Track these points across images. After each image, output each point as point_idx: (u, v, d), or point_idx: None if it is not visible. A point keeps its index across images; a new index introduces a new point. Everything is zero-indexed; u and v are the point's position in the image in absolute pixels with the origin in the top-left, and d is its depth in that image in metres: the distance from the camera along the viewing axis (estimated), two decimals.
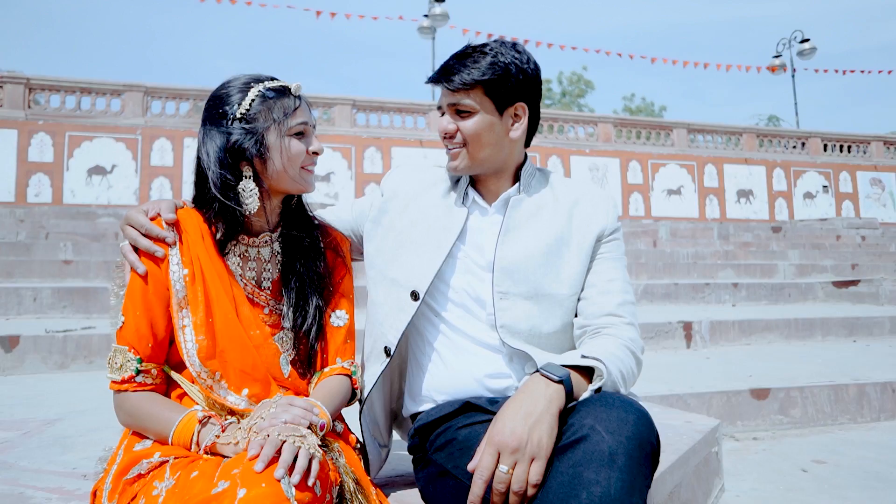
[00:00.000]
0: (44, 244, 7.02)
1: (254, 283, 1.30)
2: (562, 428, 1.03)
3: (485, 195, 1.43)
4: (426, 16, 18.96)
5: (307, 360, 1.34)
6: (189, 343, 1.18)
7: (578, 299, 1.36)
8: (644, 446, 0.97)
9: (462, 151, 1.35)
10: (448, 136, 1.35)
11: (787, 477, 2.42)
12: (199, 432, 1.10)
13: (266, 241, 1.31)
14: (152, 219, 1.21)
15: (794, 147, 19.49)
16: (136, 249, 1.20)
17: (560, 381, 1.06)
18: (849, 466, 2.53)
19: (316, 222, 1.41)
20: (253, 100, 1.21)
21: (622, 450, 0.95)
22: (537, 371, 1.09)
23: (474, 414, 1.27)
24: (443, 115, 1.36)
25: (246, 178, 1.22)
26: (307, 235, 1.35)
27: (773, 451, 2.79)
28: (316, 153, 1.28)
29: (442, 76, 1.32)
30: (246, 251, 1.28)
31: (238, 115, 1.21)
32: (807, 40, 20.86)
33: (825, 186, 19.12)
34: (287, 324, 1.30)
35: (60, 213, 10.44)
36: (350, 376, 1.34)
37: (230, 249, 1.26)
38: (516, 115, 1.36)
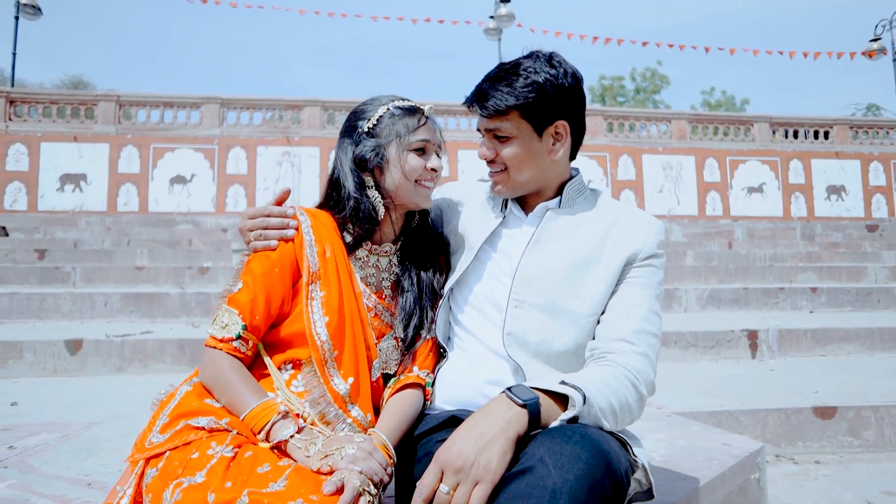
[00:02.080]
0: (124, 251, 7.47)
1: (372, 287, 1.35)
2: (518, 455, 0.95)
3: (523, 207, 1.41)
4: (492, 17, 18.86)
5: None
6: (317, 315, 1.24)
7: (599, 321, 1.28)
8: (595, 489, 0.88)
9: (504, 175, 1.34)
10: (489, 161, 1.34)
11: None
12: (274, 423, 1.13)
13: (386, 252, 1.37)
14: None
15: None
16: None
17: (524, 405, 0.98)
18: None
19: (437, 233, 1.46)
20: (381, 116, 1.31)
21: (567, 489, 0.86)
22: (504, 391, 1.02)
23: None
24: (483, 138, 1.35)
25: (369, 187, 1.30)
26: (426, 251, 1.40)
27: (838, 477, 2.53)
28: (434, 170, 1.32)
29: (476, 101, 1.30)
30: (367, 257, 1.35)
31: (366, 129, 1.31)
32: None
33: None
34: (399, 333, 1.35)
35: (144, 221, 11.13)
36: (424, 387, 1.33)
37: (355, 253, 1.34)
38: (557, 133, 1.31)
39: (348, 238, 1.32)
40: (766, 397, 3.00)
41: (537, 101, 1.25)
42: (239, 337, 1.20)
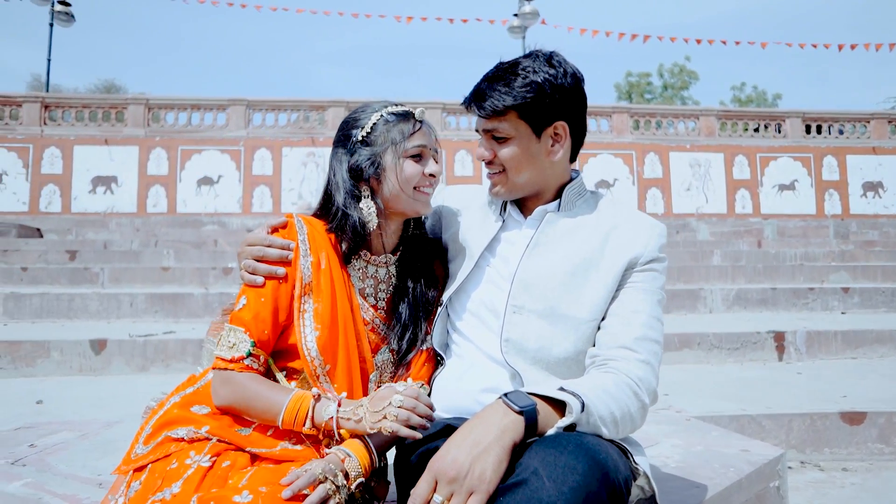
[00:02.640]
0: (151, 252, 7.62)
1: (369, 298, 1.33)
2: (514, 464, 0.93)
3: (522, 210, 1.39)
4: (516, 15, 18.78)
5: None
6: (307, 328, 1.22)
7: (599, 328, 1.25)
8: (590, 501, 0.85)
9: (502, 177, 1.31)
10: (487, 163, 1.32)
11: None
12: (313, 407, 1.13)
13: (384, 262, 1.34)
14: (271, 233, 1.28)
15: None
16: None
17: (520, 412, 0.95)
18: None
19: (435, 241, 1.44)
20: (375, 123, 1.28)
21: (562, 501, 0.84)
22: (501, 396, 0.99)
23: None
24: (481, 139, 1.33)
25: (364, 197, 1.27)
26: (423, 262, 1.38)
27: (866, 486, 2.44)
28: (432, 175, 1.29)
29: (474, 101, 1.28)
30: (365, 267, 1.32)
31: (360, 138, 1.28)
32: None
33: None
34: (394, 345, 1.33)
35: (172, 223, 11.35)
36: None
37: (352, 262, 1.31)
38: (556, 134, 1.29)
39: (344, 246, 1.30)
40: (792, 401, 2.92)
41: (536, 102, 1.23)
42: (250, 355, 1.18)
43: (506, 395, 0.99)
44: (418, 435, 1.07)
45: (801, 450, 2.67)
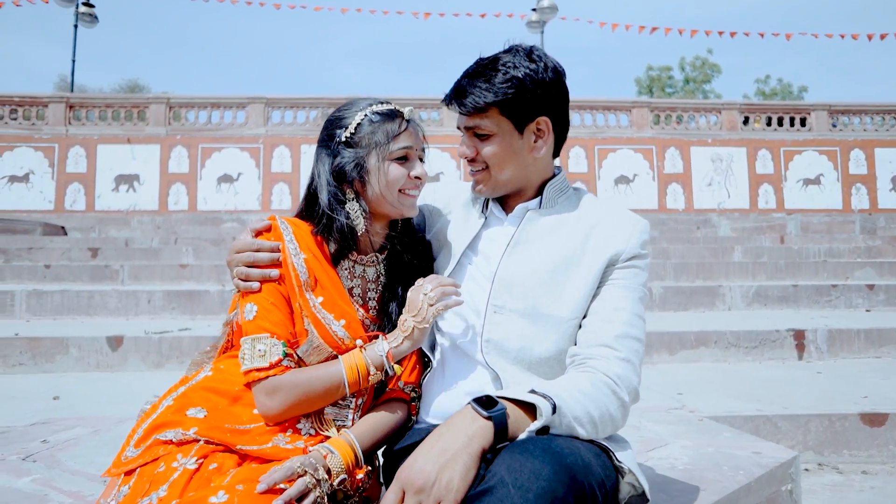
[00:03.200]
0: (171, 249, 7.72)
1: (357, 299, 1.31)
2: (486, 470, 0.92)
3: (504, 207, 1.37)
4: (534, 9, 18.64)
5: (373, 390, 1.33)
6: (327, 316, 1.21)
7: (580, 326, 1.23)
8: None
9: (485, 174, 1.30)
10: (469, 160, 1.30)
11: None
12: (369, 358, 1.18)
13: (372, 262, 1.33)
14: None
15: None
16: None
17: (489, 418, 0.94)
18: None
19: (422, 239, 1.43)
20: (359, 124, 1.24)
21: None
22: (470, 402, 0.98)
23: None
24: (463, 136, 1.31)
25: (349, 200, 1.25)
26: (412, 260, 1.36)
27: (886, 490, 2.37)
28: (418, 177, 1.27)
29: (454, 99, 1.26)
30: (353, 267, 1.31)
31: (344, 139, 1.25)
32: None
33: None
34: None
35: (192, 220, 11.48)
36: (409, 402, 1.31)
37: (340, 263, 1.29)
38: (539, 130, 1.27)
39: (332, 248, 1.28)
40: (810, 402, 2.85)
41: (517, 97, 1.21)
42: (286, 355, 1.17)
43: (475, 400, 0.98)
44: (462, 300, 1.21)
45: (818, 451, 2.61)
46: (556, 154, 1.34)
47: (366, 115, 1.25)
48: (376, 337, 1.28)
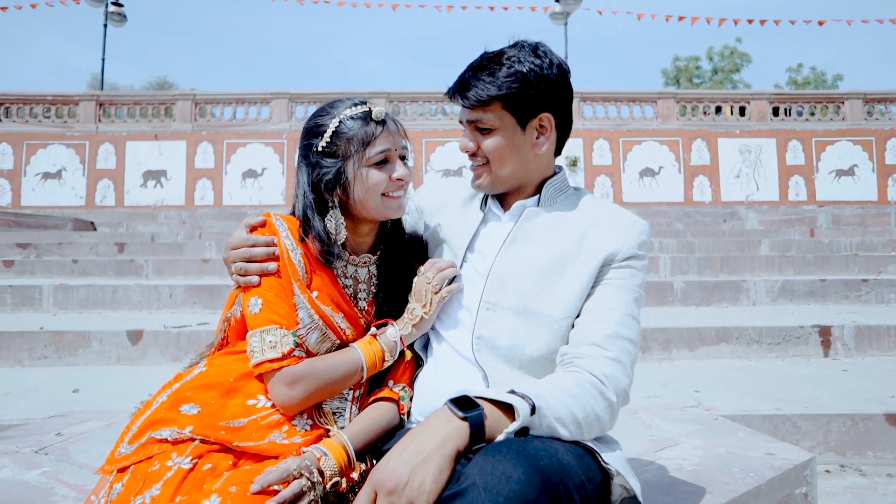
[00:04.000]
0: (195, 244, 7.83)
1: (349, 298, 1.32)
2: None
3: (502, 204, 1.36)
4: (557, 0, 18.42)
5: (368, 382, 1.34)
6: (328, 309, 1.24)
7: (573, 325, 1.22)
8: None
9: (485, 169, 1.29)
10: (470, 154, 1.30)
11: None
12: (385, 345, 1.23)
13: (365, 262, 1.33)
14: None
15: None
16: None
17: (464, 419, 0.93)
18: None
19: (415, 239, 1.43)
20: (334, 132, 1.23)
21: None
22: (446, 402, 0.97)
23: None
24: (465, 130, 1.31)
25: (332, 208, 1.25)
26: (403, 260, 1.36)
27: None
28: (400, 179, 1.26)
29: (457, 91, 1.26)
30: (345, 267, 1.31)
31: (321, 148, 1.24)
32: None
33: None
34: None
35: (217, 215, 11.65)
36: (398, 402, 1.30)
37: (334, 263, 1.30)
38: (541, 126, 1.26)
39: (317, 253, 1.27)
40: (833, 401, 2.76)
41: (521, 92, 1.20)
42: (297, 345, 1.18)
43: (451, 400, 0.96)
44: (461, 285, 1.27)
45: (840, 452, 2.52)
46: (557, 152, 1.34)
47: (341, 122, 1.23)
48: (383, 325, 1.28)
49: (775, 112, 15.96)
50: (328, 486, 1.06)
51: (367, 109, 1.25)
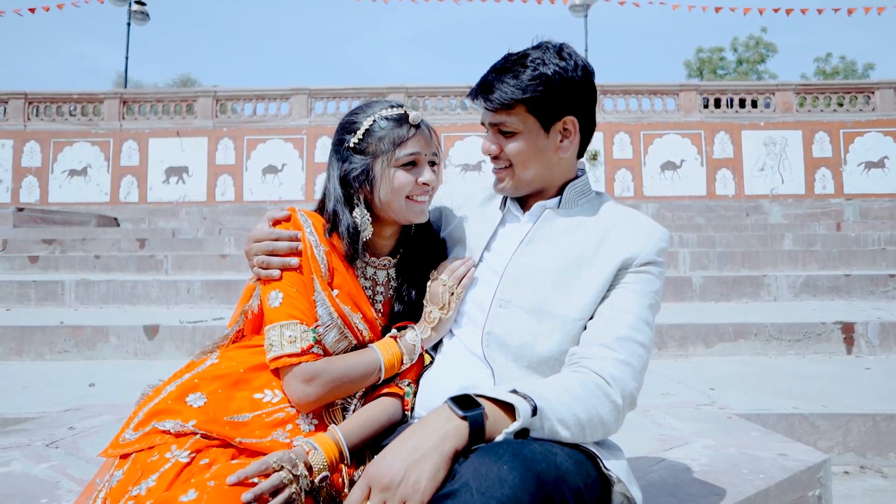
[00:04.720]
0: (214, 239, 7.91)
1: (369, 300, 1.33)
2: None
3: (522, 205, 1.35)
4: None
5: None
6: (347, 308, 1.24)
7: (585, 327, 1.19)
8: None
9: (508, 172, 1.28)
10: (493, 157, 1.28)
11: None
12: (404, 348, 1.24)
13: (384, 265, 1.34)
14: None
15: None
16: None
17: (464, 418, 0.91)
18: None
19: (436, 242, 1.43)
20: (367, 129, 1.24)
21: None
22: (447, 400, 0.95)
23: None
24: (487, 133, 1.29)
25: (357, 205, 1.26)
26: (424, 266, 1.35)
27: None
28: (426, 184, 1.26)
29: (481, 94, 1.24)
30: (365, 269, 1.32)
31: (352, 144, 1.25)
32: None
33: None
34: None
35: (237, 210, 11.76)
36: (402, 397, 1.29)
37: (354, 263, 1.31)
38: (565, 129, 1.24)
39: (343, 247, 1.28)
40: (854, 399, 2.68)
41: (545, 95, 1.18)
42: (316, 342, 1.18)
43: (452, 398, 0.94)
44: (474, 273, 1.28)
45: (860, 454, 2.45)
46: (580, 154, 1.32)
47: (374, 121, 1.24)
48: (402, 328, 1.29)
49: (801, 103, 15.61)
50: (317, 481, 1.05)
51: (404, 112, 1.26)
